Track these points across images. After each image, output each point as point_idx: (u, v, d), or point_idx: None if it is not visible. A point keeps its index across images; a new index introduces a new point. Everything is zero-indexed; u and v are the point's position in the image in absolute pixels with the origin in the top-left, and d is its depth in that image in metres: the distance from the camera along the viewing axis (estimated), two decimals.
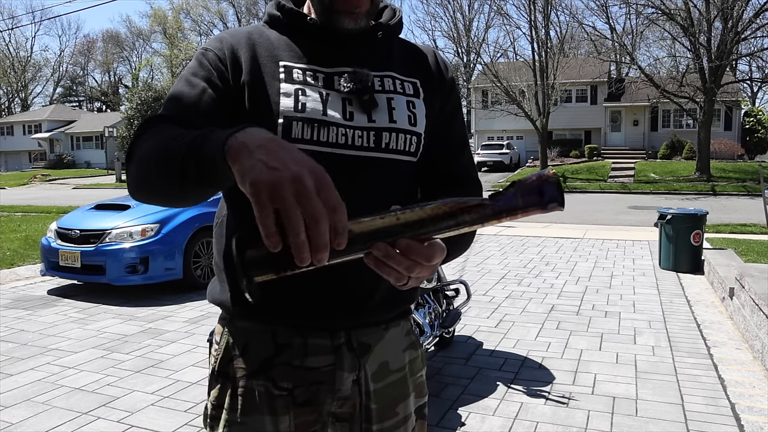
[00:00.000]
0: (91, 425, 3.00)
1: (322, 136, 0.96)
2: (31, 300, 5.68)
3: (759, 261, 6.64)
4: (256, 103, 0.97)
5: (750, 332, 4.11)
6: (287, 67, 1.00)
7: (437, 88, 1.10)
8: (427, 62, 1.11)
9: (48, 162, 42.69)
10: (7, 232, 10.02)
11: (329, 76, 1.00)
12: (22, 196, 21.41)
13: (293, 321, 1.02)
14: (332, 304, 1.01)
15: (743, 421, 2.97)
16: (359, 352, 1.04)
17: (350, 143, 0.98)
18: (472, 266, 7.21)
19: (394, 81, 1.05)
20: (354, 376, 1.04)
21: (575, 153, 30.57)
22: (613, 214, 13.88)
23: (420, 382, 1.15)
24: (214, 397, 1.05)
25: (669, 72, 25.66)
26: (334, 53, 1.02)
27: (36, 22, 57.90)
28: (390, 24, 1.07)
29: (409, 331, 1.15)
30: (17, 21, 56.40)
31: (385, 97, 1.02)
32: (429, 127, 1.06)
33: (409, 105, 1.04)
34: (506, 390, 3.39)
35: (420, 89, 1.07)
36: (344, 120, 0.98)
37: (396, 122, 1.01)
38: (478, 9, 40.97)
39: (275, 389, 1.01)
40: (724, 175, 22.52)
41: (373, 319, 1.06)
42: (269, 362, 1.01)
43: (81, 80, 63.46)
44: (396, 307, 1.09)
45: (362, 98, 0.99)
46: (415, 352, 1.14)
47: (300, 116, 0.96)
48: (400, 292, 1.07)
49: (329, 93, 0.99)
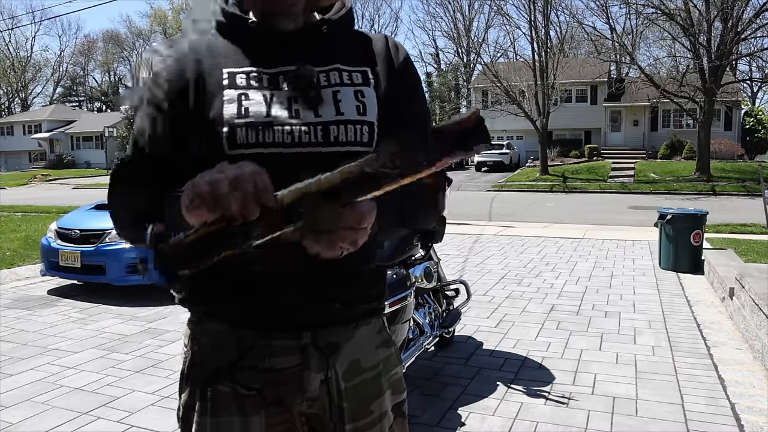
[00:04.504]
0: (91, 425, 3.00)
1: (268, 138, 0.96)
2: (31, 300, 5.68)
3: (759, 261, 6.64)
4: (205, 116, 0.98)
5: (750, 332, 4.11)
6: (230, 74, 1.00)
7: (389, 73, 1.09)
8: (377, 49, 1.11)
9: (48, 162, 42.69)
10: (7, 232, 10.02)
11: (274, 77, 1.00)
12: (22, 196, 21.41)
13: (255, 323, 1.01)
14: (294, 305, 1.00)
15: (743, 421, 2.97)
16: (327, 352, 1.03)
17: (297, 141, 0.97)
18: (472, 266, 7.21)
19: (341, 73, 1.04)
20: (322, 376, 1.03)
21: (575, 153, 30.57)
22: (613, 214, 13.88)
23: (396, 380, 1.13)
24: (184, 399, 1.05)
25: (669, 72, 25.65)
26: (278, 53, 1.02)
27: (36, 22, 57.97)
28: (333, 19, 1.06)
29: (382, 328, 1.14)
30: (17, 21, 56.41)
31: (331, 90, 1.01)
32: (386, 113, 1.05)
33: (358, 95, 1.03)
34: (506, 390, 3.39)
35: (370, 77, 1.06)
36: (290, 118, 0.97)
37: (343, 114, 1.00)
38: (478, 9, 40.95)
39: (244, 389, 1.00)
40: (724, 175, 22.52)
41: (339, 318, 1.04)
42: (234, 366, 1.01)
43: (81, 80, 63.48)
44: (364, 304, 1.08)
45: (307, 95, 0.99)
46: (388, 350, 1.13)
47: (243, 122, 0.96)
48: (367, 289, 1.08)
49: (274, 93, 0.99)
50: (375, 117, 1.04)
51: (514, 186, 23.11)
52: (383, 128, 1.05)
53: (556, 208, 15.83)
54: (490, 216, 12.84)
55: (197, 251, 0.71)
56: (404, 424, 1.14)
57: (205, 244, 0.71)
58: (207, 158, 0.95)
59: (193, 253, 0.71)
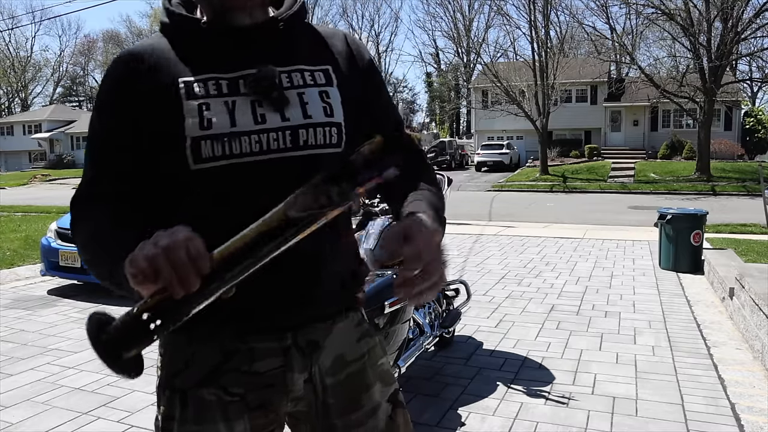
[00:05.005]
0: (91, 425, 3.00)
1: (235, 149, 0.92)
2: (31, 300, 5.68)
3: (759, 261, 6.63)
4: (163, 131, 0.93)
5: (750, 332, 4.11)
6: (187, 83, 0.94)
7: (352, 72, 1.05)
8: (337, 47, 1.06)
9: (48, 162, 42.69)
10: (7, 232, 10.02)
11: (233, 82, 0.95)
12: (22, 196, 21.41)
13: (235, 327, 0.99)
14: (272, 306, 0.98)
15: (743, 421, 2.97)
16: (308, 351, 1.02)
17: (266, 148, 0.94)
18: (472, 266, 7.21)
19: (303, 73, 1.00)
20: (306, 375, 1.02)
21: (575, 153, 30.57)
22: (613, 214, 13.87)
23: (383, 370, 1.11)
24: (163, 410, 1.01)
25: (669, 72, 25.64)
26: (235, 56, 0.96)
27: (36, 22, 57.87)
28: (289, 13, 1.01)
29: (360, 320, 1.12)
30: (17, 21, 56.41)
31: (296, 92, 0.97)
32: (353, 112, 1.03)
33: (323, 95, 0.99)
34: (506, 390, 3.39)
35: (332, 76, 1.02)
36: (256, 125, 0.93)
37: (311, 117, 0.97)
38: (478, 9, 40.93)
39: (227, 395, 0.98)
40: (724, 175, 22.52)
41: (316, 315, 1.03)
42: (218, 369, 0.99)
43: (81, 80, 63.50)
44: (341, 300, 1.07)
45: (270, 97, 0.95)
46: (371, 341, 1.11)
47: (207, 134, 0.92)
48: (341, 284, 1.06)
49: (235, 100, 0.94)
50: (342, 118, 1.01)
51: (514, 186, 23.10)
52: (352, 129, 1.02)
53: (556, 208, 15.83)
54: (490, 216, 12.84)
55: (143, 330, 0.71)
56: (406, 415, 1.12)
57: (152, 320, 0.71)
58: (173, 174, 0.94)
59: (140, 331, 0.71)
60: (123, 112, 0.95)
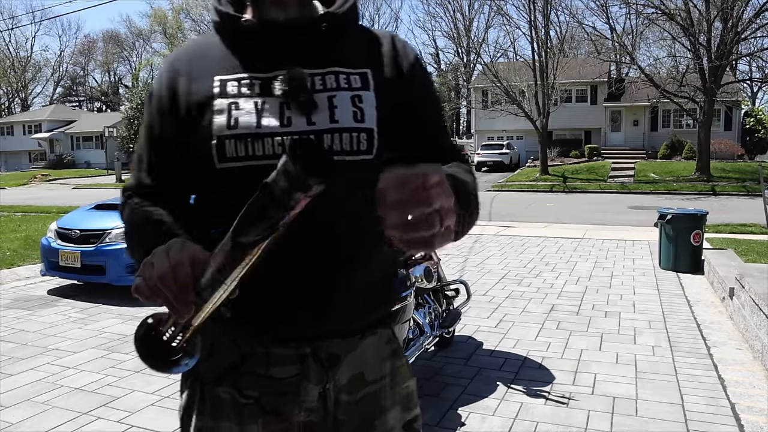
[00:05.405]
0: (91, 425, 3.00)
1: (257, 150, 0.91)
2: (31, 300, 5.68)
3: (759, 261, 6.63)
4: (196, 128, 0.94)
5: (750, 332, 4.11)
6: (222, 81, 0.95)
7: (395, 75, 1.01)
8: (382, 49, 1.02)
9: (48, 162, 42.67)
10: (7, 232, 10.02)
11: (266, 82, 0.94)
12: (22, 196, 21.41)
13: (251, 327, 0.98)
14: (288, 314, 0.96)
15: (743, 421, 2.97)
16: (327, 364, 0.98)
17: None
18: (472, 266, 7.21)
19: (338, 76, 0.96)
20: (320, 388, 0.98)
21: (575, 153, 30.56)
22: (613, 214, 13.87)
23: (407, 394, 1.06)
24: (185, 398, 1.03)
25: (669, 72, 25.63)
26: (271, 55, 0.95)
27: (36, 22, 57.97)
28: (337, 13, 0.98)
29: (390, 339, 1.07)
30: (17, 21, 56.39)
31: (326, 95, 0.94)
32: (392, 118, 0.98)
33: (355, 100, 0.95)
34: (506, 390, 3.39)
35: (370, 79, 0.98)
36: (281, 127, 0.91)
37: (338, 122, 0.93)
38: (478, 9, 40.91)
39: (241, 398, 0.97)
40: (724, 175, 22.51)
41: (337, 330, 0.99)
42: (235, 369, 0.98)
43: (81, 80, 63.47)
44: (367, 315, 1.02)
45: (298, 100, 0.93)
46: (398, 361, 1.06)
47: (232, 133, 0.91)
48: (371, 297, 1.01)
49: (266, 101, 0.93)
50: (374, 123, 0.96)
51: (514, 186, 23.09)
52: (389, 135, 0.97)
53: (556, 208, 15.82)
54: (490, 216, 12.82)
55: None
56: None
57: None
58: (203, 172, 0.95)
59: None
60: (165, 109, 0.98)
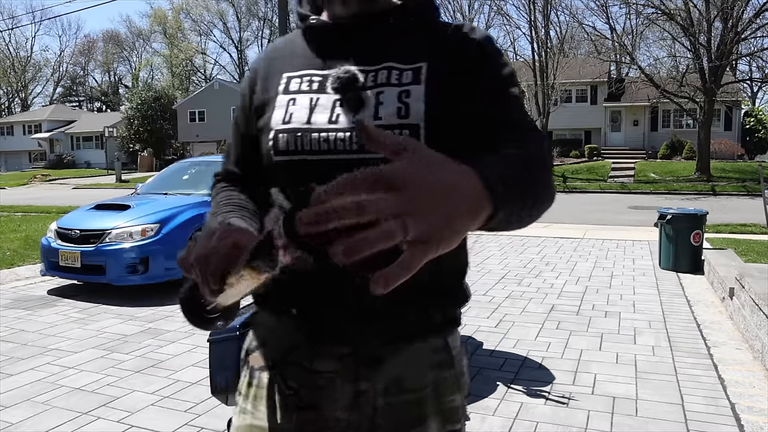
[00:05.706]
0: (91, 425, 3.00)
1: (306, 145, 0.94)
2: (31, 300, 5.68)
3: (759, 261, 6.64)
4: (264, 121, 1.01)
5: (750, 332, 4.11)
6: (288, 78, 1.00)
7: (456, 66, 0.95)
8: (446, 40, 0.98)
9: (48, 162, 42.66)
10: (7, 232, 10.02)
11: (324, 79, 0.97)
12: (22, 196, 21.41)
13: (298, 327, 0.99)
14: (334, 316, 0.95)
15: (743, 421, 2.97)
16: (367, 364, 0.97)
17: (332, 148, 0.92)
18: (472, 266, 7.19)
19: (390, 72, 0.95)
20: (356, 387, 0.97)
21: (575, 153, 30.56)
22: (613, 214, 13.87)
23: (451, 408, 1.01)
24: (240, 382, 1.07)
25: (669, 72, 25.65)
26: (332, 52, 0.98)
27: (36, 22, 58.11)
28: (408, 5, 0.98)
29: (441, 348, 1.02)
30: (17, 21, 56.47)
31: (375, 92, 0.94)
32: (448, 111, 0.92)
33: (402, 95, 0.93)
34: (506, 390, 3.39)
35: (423, 73, 0.94)
36: (329, 124, 0.94)
37: (381, 118, 0.92)
38: (478, 9, 41.05)
39: (285, 387, 0.99)
40: (724, 175, 22.51)
41: (383, 334, 0.96)
42: (283, 360, 1.00)
43: (81, 80, 63.48)
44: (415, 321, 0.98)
45: (347, 97, 0.94)
46: (444, 372, 1.01)
47: (285, 128, 0.96)
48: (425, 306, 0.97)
49: (320, 97, 0.96)
50: (421, 119, 0.92)
51: None
52: (442, 129, 0.92)
53: (556, 208, 15.52)
54: None
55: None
56: None
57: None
58: (265, 165, 1.01)
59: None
60: (245, 106, 1.07)
